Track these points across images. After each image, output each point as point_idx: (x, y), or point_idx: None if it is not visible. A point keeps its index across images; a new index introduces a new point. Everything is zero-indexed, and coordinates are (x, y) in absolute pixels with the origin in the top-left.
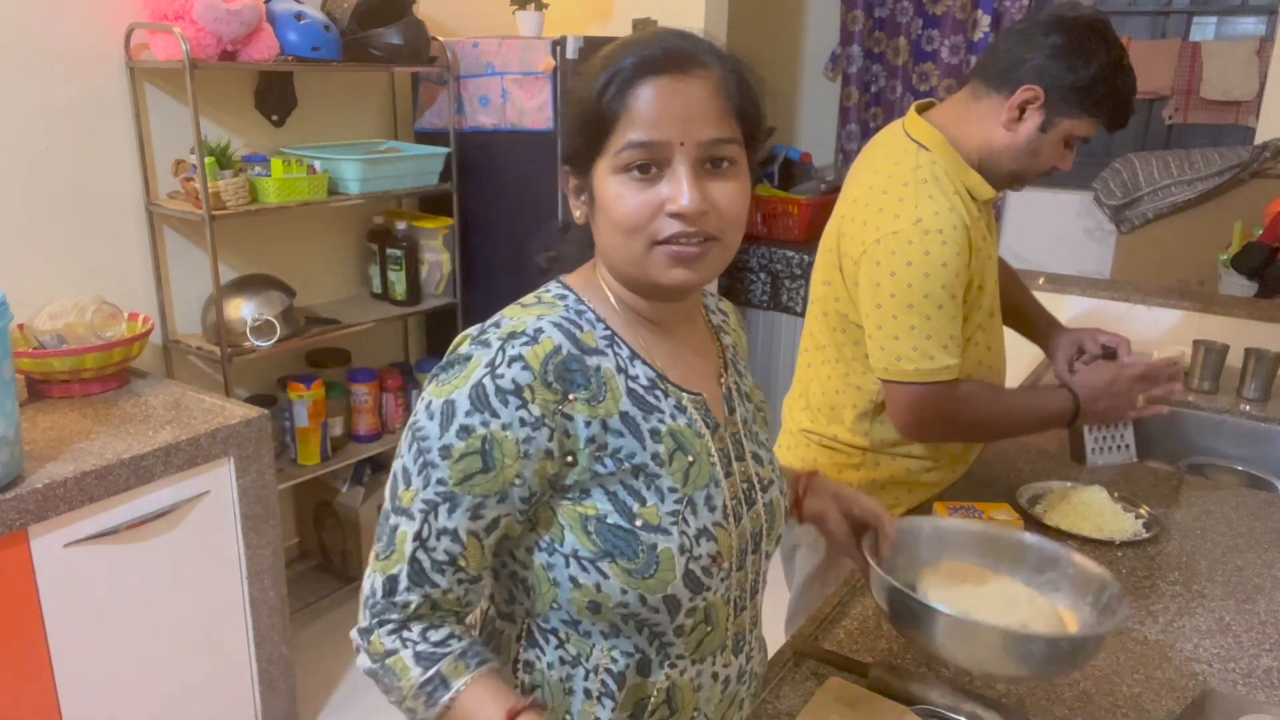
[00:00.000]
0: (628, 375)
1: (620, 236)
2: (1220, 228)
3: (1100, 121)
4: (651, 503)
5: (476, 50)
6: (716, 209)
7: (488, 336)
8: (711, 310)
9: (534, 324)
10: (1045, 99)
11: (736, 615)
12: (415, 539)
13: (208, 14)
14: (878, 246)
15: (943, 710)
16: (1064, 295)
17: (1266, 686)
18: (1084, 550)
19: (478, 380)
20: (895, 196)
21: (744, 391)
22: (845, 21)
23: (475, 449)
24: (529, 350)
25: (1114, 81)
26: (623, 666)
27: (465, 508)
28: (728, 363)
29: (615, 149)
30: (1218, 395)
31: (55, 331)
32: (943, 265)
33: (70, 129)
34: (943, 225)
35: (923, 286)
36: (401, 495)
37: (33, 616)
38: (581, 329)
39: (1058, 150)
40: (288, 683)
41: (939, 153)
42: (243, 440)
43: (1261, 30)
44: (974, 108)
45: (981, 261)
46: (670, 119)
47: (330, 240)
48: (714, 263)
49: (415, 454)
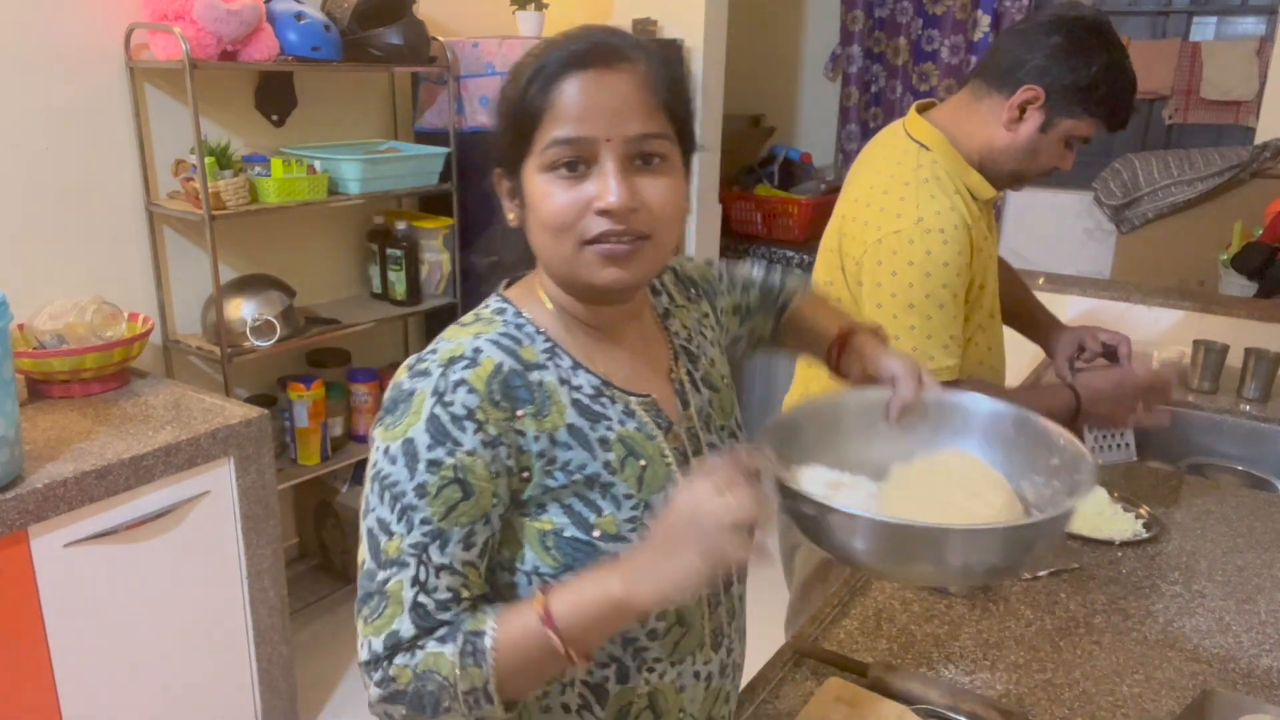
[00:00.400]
0: (571, 386)
1: (550, 236)
2: (1220, 228)
3: (1100, 122)
4: (608, 512)
5: (476, 50)
6: (646, 206)
7: (426, 365)
8: (658, 293)
9: (471, 344)
10: (1046, 99)
11: (711, 612)
12: (414, 584)
13: (208, 14)
14: (879, 246)
15: (943, 710)
16: (1064, 295)
17: (1266, 686)
18: (1083, 551)
19: (429, 413)
20: (897, 196)
21: (699, 379)
22: (845, 21)
23: (451, 479)
24: (471, 373)
25: (1115, 82)
26: (599, 678)
27: (457, 540)
28: (678, 352)
29: (541, 146)
30: (1218, 395)
31: (55, 331)
32: (944, 265)
33: (70, 129)
34: (944, 225)
35: (924, 286)
36: (386, 548)
37: (33, 616)
38: (521, 344)
39: (1058, 150)
40: (288, 683)
41: (940, 152)
42: (243, 440)
43: (1261, 30)
44: (975, 108)
45: (983, 261)
46: (596, 114)
47: (330, 240)
48: (647, 262)
49: (390, 503)
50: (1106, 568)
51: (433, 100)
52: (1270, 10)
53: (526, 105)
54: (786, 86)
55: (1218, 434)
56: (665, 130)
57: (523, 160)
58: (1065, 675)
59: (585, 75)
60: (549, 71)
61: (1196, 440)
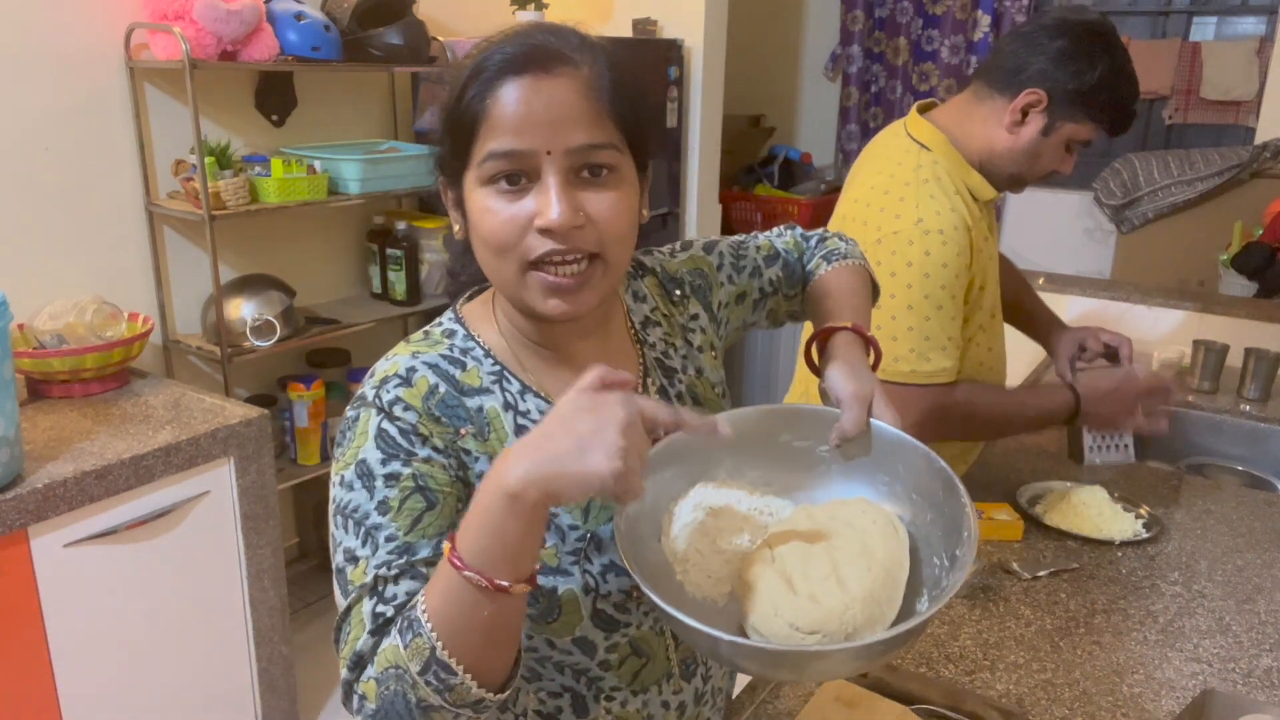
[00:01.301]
0: (517, 412)
1: (491, 255)
2: (1220, 228)
3: (1102, 127)
4: (550, 543)
5: None
6: (593, 222)
7: (364, 391)
8: (641, 299)
9: (406, 363)
10: (1048, 103)
11: (678, 644)
12: (372, 595)
13: (208, 14)
14: (878, 246)
15: (943, 710)
16: (1064, 295)
17: (1266, 686)
18: (1084, 550)
19: (377, 429)
20: (896, 196)
21: (675, 396)
22: (845, 21)
23: (412, 488)
24: (404, 391)
25: (1118, 88)
26: (553, 708)
27: (426, 551)
28: (649, 368)
29: (478, 159)
30: (1218, 395)
31: (55, 331)
32: (943, 266)
33: (70, 129)
34: (944, 225)
35: (922, 287)
36: (353, 578)
37: (33, 616)
38: (465, 367)
39: (1059, 154)
40: (288, 683)
41: (940, 153)
42: (243, 440)
43: (1261, 30)
44: (977, 109)
45: (983, 262)
46: (534, 125)
47: (330, 240)
48: (595, 288)
49: (354, 528)
50: (1106, 568)
51: (433, 100)
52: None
53: (462, 113)
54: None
55: (1218, 434)
56: (613, 139)
57: (463, 171)
58: (1065, 675)
59: (523, 81)
60: (485, 77)
61: (1196, 440)
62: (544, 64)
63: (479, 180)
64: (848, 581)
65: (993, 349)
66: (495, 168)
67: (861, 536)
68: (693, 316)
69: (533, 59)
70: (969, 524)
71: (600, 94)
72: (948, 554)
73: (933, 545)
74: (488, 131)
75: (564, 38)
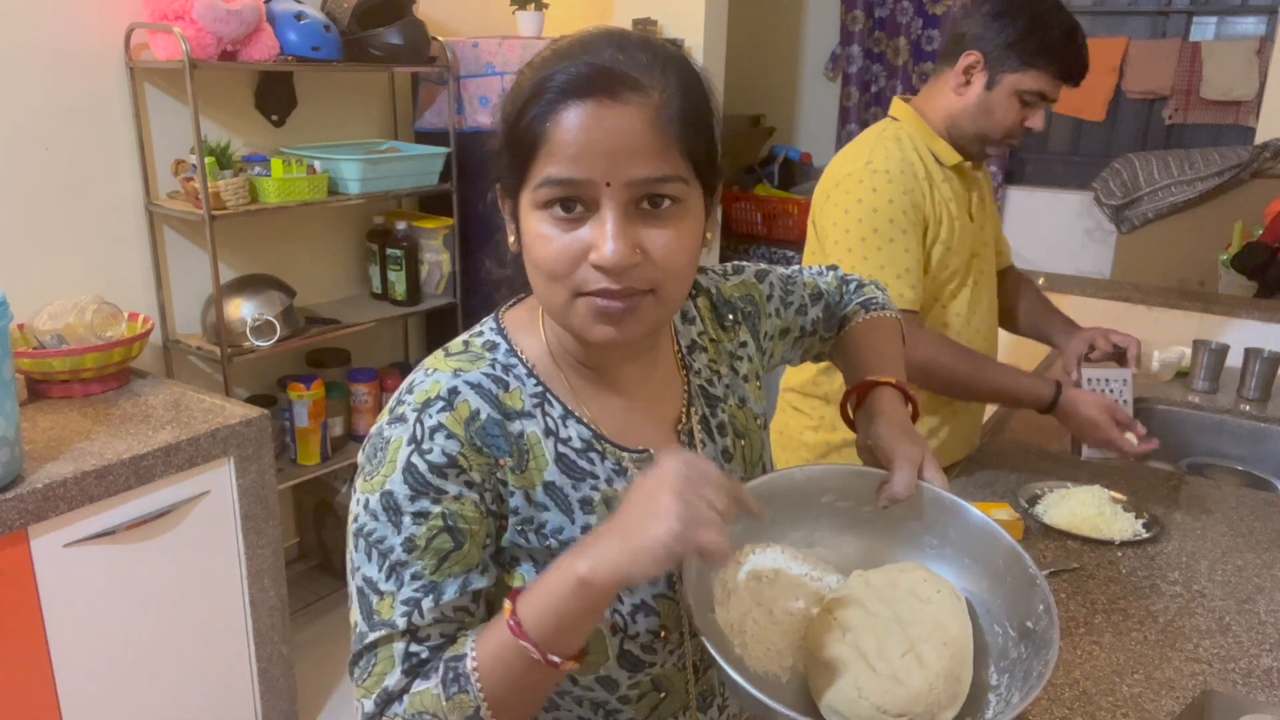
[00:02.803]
0: (558, 439)
1: (542, 280)
2: (1220, 228)
3: (1044, 73)
4: None
5: (476, 50)
6: (650, 259)
7: (402, 409)
8: (690, 321)
9: (448, 383)
10: (985, 61)
11: (699, 678)
12: (405, 636)
13: (208, 14)
14: (835, 189)
15: None
16: (1064, 295)
17: (1266, 686)
18: (1084, 551)
19: (406, 462)
20: (853, 150)
21: (715, 426)
22: (845, 21)
23: (440, 528)
24: (448, 417)
25: (1044, 34)
26: None
27: (453, 591)
28: (693, 396)
29: (535, 182)
30: (1218, 395)
31: (55, 331)
32: (889, 201)
33: (70, 129)
34: (889, 166)
35: (871, 221)
36: (378, 609)
37: (33, 616)
38: (508, 387)
39: (1012, 106)
40: (288, 683)
41: (907, 122)
42: (243, 440)
43: (1261, 30)
44: (936, 84)
45: (940, 216)
46: (595, 154)
47: (330, 240)
48: (646, 319)
49: (377, 559)
50: (1106, 568)
51: (433, 100)
52: (1270, 10)
53: (522, 132)
54: (786, 86)
55: (1218, 434)
56: (679, 171)
57: (519, 189)
58: (1065, 675)
59: (586, 107)
60: (547, 98)
61: (1196, 440)
62: (610, 89)
63: (534, 203)
64: (927, 658)
65: (966, 319)
66: (551, 194)
67: (931, 609)
68: (741, 344)
69: (599, 83)
70: (1044, 596)
71: (669, 123)
72: (1013, 624)
73: (993, 613)
74: (546, 156)
75: (634, 56)
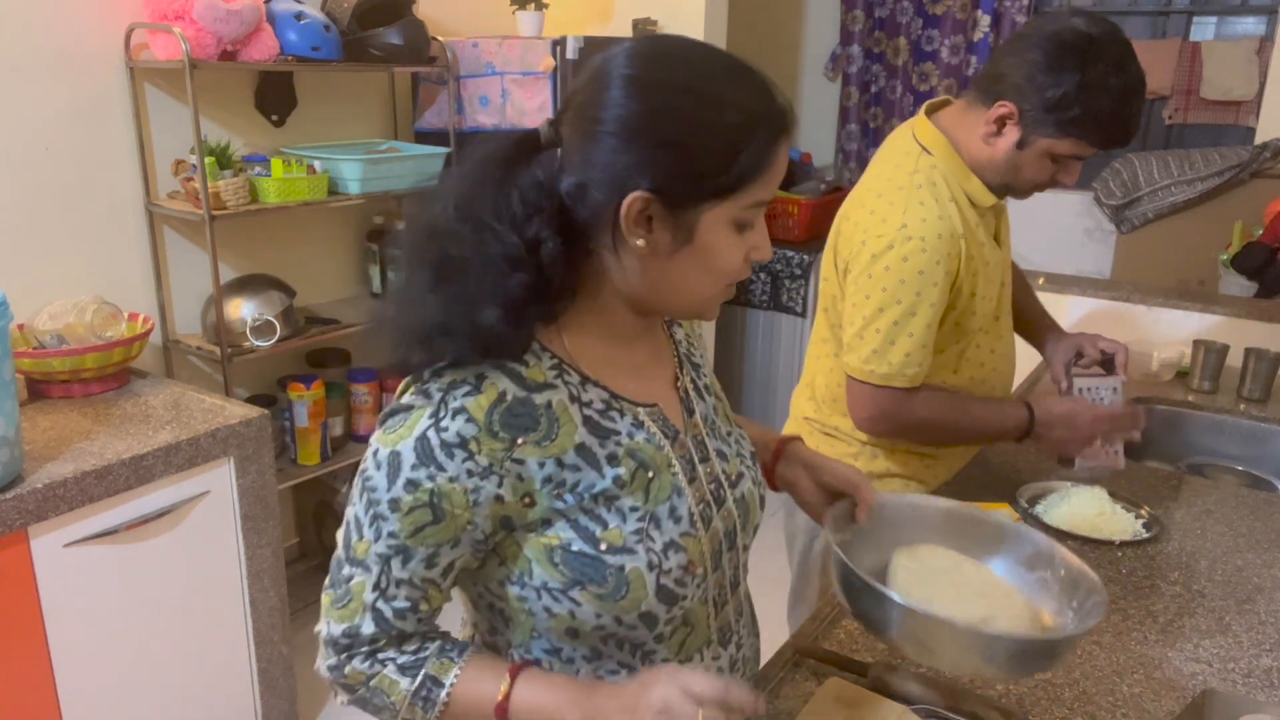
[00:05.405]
0: (581, 403)
1: (709, 280)
2: (1220, 228)
3: (1085, 141)
4: (614, 525)
5: (476, 50)
6: None
7: (429, 386)
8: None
9: (475, 368)
10: (1020, 116)
11: (718, 612)
12: (374, 589)
13: (208, 14)
14: (863, 248)
15: (943, 710)
16: (1064, 295)
17: (1266, 686)
18: (1084, 551)
19: (421, 432)
20: (887, 200)
21: (702, 387)
22: (845, 21)
23: (424, 502)
24: (472, 401)
25: (1091, 102)
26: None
27: (420, 558)
28: (682, 360)
29: (744, 204)
30: (1218, 395)
31: (55, 331)
32: (919, 273)
33: (70, 129)
34: (925, 234)
35: (896, 292)
36: (355, 546)
37: (33, 616)
38: (529, 364)
39: (1043, 166)
40: (288, 683)
41: (941, 157)
42: (243, 440)
43: (1261, 30)
44: (969, 115)
45: (976, 268)
46: None
47: (330, 240)
48: None
49: (366, 505)
50: (1106, 568)
51: (432, 100)
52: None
53: (740, 163)
54: (786, 86)
55: (1218, 434)
56: None
57: (703, 201)
58: (1065, 675)
59: (786, 142)
60: (772, 130)
61: (1196, 440)
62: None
63: (734, 220)
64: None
65: (996, 350)
66: (754, 215)
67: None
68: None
69: (792, 122)
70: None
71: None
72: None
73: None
74: (762, 183)
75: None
